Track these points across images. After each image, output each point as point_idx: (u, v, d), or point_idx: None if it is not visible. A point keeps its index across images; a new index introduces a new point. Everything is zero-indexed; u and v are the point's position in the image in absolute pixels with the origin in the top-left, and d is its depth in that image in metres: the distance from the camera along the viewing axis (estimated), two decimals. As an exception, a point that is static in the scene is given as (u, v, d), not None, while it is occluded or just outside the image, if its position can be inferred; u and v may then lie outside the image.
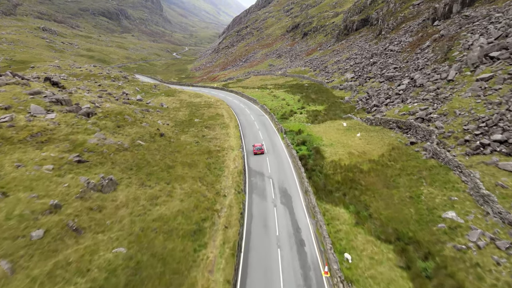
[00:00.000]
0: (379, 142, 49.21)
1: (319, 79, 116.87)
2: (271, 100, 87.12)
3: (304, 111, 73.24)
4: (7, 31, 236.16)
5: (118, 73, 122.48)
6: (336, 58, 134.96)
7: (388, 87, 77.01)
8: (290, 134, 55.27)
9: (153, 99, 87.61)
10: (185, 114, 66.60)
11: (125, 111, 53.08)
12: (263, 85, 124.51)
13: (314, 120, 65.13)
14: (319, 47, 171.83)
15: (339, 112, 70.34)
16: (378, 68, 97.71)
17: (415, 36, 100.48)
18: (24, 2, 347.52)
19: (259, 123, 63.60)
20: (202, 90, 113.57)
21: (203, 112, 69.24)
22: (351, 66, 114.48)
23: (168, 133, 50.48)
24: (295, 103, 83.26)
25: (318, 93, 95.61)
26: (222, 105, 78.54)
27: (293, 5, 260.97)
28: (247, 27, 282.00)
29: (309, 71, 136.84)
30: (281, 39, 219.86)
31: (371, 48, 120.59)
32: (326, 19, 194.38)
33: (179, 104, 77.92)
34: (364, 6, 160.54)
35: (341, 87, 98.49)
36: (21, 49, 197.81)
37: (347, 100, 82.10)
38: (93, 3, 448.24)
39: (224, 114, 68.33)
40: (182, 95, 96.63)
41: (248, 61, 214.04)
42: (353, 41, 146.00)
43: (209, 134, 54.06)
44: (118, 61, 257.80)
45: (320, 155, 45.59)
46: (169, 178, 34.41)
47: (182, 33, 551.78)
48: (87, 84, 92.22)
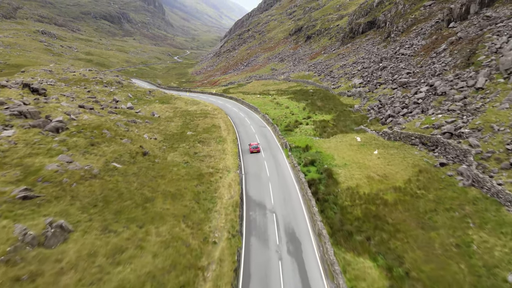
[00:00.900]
0: (401, 162, 41.19)
1: (324, 85, 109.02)
2: (273, 108, 79.24)
3: (311, 122, 65.32)
4: (4, 34, 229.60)
5: (113, 78, 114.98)
6: (342, 62, 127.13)
7: (403, 95, 69.05)
8: (296, 151, 47.24)
9: (146, 106, 79.93)
10: (178, 125, 58.80)
11: (105, 124, 45.31)
12: (265, 91, 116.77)
13: (322, 133, 57.16)
14: (323, 50, 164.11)
15: (349, 123, 62.37)
16: (389, 73, 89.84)
17: (429, 39, 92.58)
18: (25, 6, 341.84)
19: (261, 136, 55.66)
20: (200, 97, 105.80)
21: (198, 123, 61.42)
22: (359, 71, 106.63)
23: (153, 151, 42.65)
24: (300, 111, 75.38)
25: (324, 100, 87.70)
26: (220, 114, 70.70)
27: (296, 8, 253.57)
28: (249, 30, 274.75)
29: (314, 76, 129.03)
30: (284, 43, 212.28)
31: (379, 52, 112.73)
32: (330, 22, 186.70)
33: (173, 113, 70.13)
34: (370, 8, 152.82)
35: (349, 93, 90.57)
36: (17, 53, 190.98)
37: (357, 109, 74.15)
38: (95, 7, 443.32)
39: (221, 125, 60.48)
40: (178, 102, 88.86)
41: (249, 65, 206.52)
42: (360, 45, 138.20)
43: (202, 151, 46.15)
44: (118, 65, 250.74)
45: (333, 179, 37.58)
46: (144, 218, 26.49)
47: (184, 36, 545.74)
48: (75, 90, 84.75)
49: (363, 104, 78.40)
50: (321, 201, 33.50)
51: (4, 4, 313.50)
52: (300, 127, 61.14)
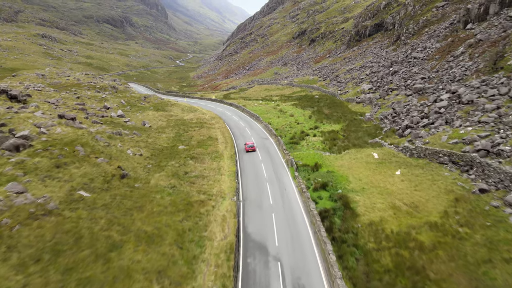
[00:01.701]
0: (431, 186, 33.93)
1: (331, 90, 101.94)
2: (277, 116, 72.14)
3: (318, 132, 58.15)
4: (3, 37, 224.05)
5: (108, 83, 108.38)
6: (349, 66, 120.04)
7: (420, 102, 61.79)
8: (304, 170, 40.05)
9: (138, 114, 73.06)
10: (169, 137, 51.82)
11: (81, 138, 38.39)
12: (267, 96, 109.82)
13: (332, 146, 49.98)
14: (328, 54, 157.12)
15: (362, 135, 55.16)
16: (401, 78, 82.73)
17: (444, 42, 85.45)
18: (26, 9, 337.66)
19: (263, 151, 48.49)
20: (198, 103, 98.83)
21: (192, 134, 54.38)
22: (368, 76, 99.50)
23: (135, 172, 35.64)
24: (305, 120, 68.28)
25: (332, 107, 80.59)
26: (218, 124, 63.66)
27: (299, 11, 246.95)
28: (251, 33, 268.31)
29: (319, 80, 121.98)
30: (287, 46, 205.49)
31: (389, 55, 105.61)
32: (335, 24, 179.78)
33: (166, 122, 63.24)
34: (377, 10, 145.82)
35: (358, 100, 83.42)
36: (14, 56, 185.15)
37: (369, 118, 66.97)
38: (97, 11, 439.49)
39: (219, 137, 53.41)
40: (174, 109, 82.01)
41: (252, 69, 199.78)
42: (367, 48, 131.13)
43: (195, 170, 39.08)
44: (118, 69, 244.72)
45: (350, 210, 30.39)
46: (103, 278, 19.36)
47: (187, 40, 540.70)
48: (64, 96, 78.10)
49: (375, 112, 71.23)
50: (338, 241, 26.28)
51: (5, 8, 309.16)
52: (307, 139, 53.94)
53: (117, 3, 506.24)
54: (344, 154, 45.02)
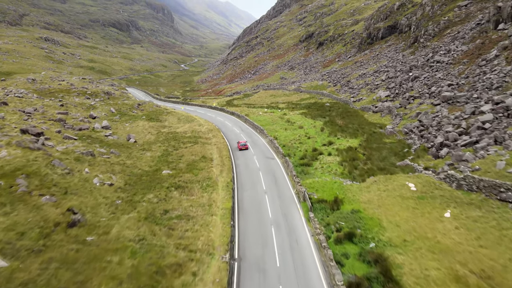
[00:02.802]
0: (500, 238, 23.93)
1: (342, 97, 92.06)
2: (284, 128, 62.32)
3: (333, 150, 48.26)
4: (4, 40, 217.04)
5: (101, 88, 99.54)
6: (361, 71, 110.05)
7: (453, 115, 51.71)
8: (320, 208, 30.09)
9: (127, 124, 63.75)
10: (154, 157, 42.33)
11: (30, 165, 28.98)
12: (273, 103, 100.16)
13: (352, 170, 40.08)
14: (337, 58, 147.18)
15: (387, 154, 45.19)
16: (423, 84, 72.74)
17: (471, 44, 75.20)
18: (31, 13, 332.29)
19: (267, 176, 38.60)
20: (197, 111, 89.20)
21: (183, 152, 44.72)
22: (383, 81, 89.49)
23: (95, 214, 26.08)
24: (317, 133, 58.47)
25: (345, 117, 70.75)
26: (215, 138, 53.98)
27: (306, 14, 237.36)
28: (257, 37, 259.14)
29: (328, 86, 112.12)
30: (294, 50, 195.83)
31: (406, 59, 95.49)
32: (344, 27, 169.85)
33: (155, 136, 53.81)
34: (390, 11, 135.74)
35: (375, 109, 73.47)
36: (13, 60, 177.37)
37: (391, 131, 56.93)
38: (104, 15, 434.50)
39: (214, 157, 43.75)
40: (169, 119, 72.75)
41: (257, 73, 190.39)
42: (380, 51, 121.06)
43: (177, 208, 29.41)
44: (121, 73, 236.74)
45: (394, 283, 20.55)
46: None
47: (193, 44, 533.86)
48: (46, 103, 69.24)
49: (397, 124, 61.22)
50: None
51: (10, 11, 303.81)
52: (321, 160, 44.07)
53: (124, 7, 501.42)
54: (370, 183, 34.98)
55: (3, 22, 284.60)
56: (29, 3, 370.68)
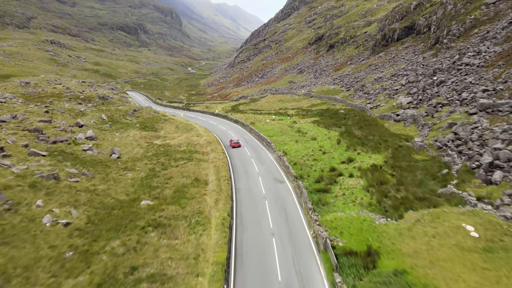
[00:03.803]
0: None
1: (358, 103, 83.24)
2: (294, 140, 53.75)
3: (355, 169, 39.61)
4: (9, 43, 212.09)
5: (96, 93, 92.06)
6: (376, 75, 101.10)
7: (497, 126, 42.76)
8: (349, 266, 21.21)
9: (117, 134, 55.81)
10: (136, 179, 34.05)
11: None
12: (281, 109, 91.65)
13: (382, 198, 31.35)
14: (349, 61, 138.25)
15: (423, 177, 36.30)
16: (451, 90, 63.75)
17: (505, 44, 66.06)
18: (39, 16, 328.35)
19: (275, 209, 29.57)
20: (198, 118, 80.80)
21: (172, 173, 36.24)
22: (403, 86, 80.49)
23: (25, 280, 17.95)
24: (333, 147, 49.85)
25: (364, 127, 62.04)
26: (214, 152, 45.52)
27: (316, 16, 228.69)
28: (265, 40, 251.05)
29: (341, 91, 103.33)
30: (303, 52, 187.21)
31: (427, 62, 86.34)
32: (356, 29, 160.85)
33: (144, 150, 45.65)
34: (406, 11, 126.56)
35: (397, 117, 64.52)
36: (15, 62, 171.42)
37: (421, 145, 48.02)
38: (112, 18, 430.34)
39: (210, 180, 35.29)
40: (166, 127, 64.81)
41: (265, 76, 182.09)
42: (396, 53, 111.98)
43: (150, 264, 20.69)
44: (126, 76, 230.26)
45: None
46: None
47: (201, 47, 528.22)
48: (30, 110, 61.69)
49: (425, 136, 52.25)
50: None
51: (18, 14, 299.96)
52: (341, 183, 35.44)
53: (132, 10, 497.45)
54: (411, 222, 26.18)
55: (11, 24, 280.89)
56: (39, 6, 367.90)
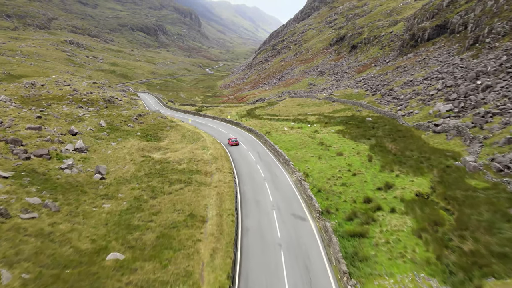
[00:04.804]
0: None
1: (386, 110, 73.60)
2: (317, 155, 44.94)
3: (396, 200, 30.63)
4: (27, 43, 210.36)
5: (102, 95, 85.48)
6: (406, 78, 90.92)
7: None
8: None
9: (114, 144, 48.39)
10: (114, 214, 25.89)
11: None
12: (301, 115, 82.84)
13: (441, 252, 22.37)
14: (373, 62, 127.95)
15: (491, 215, 26.86)
16: (502, 96, 53.61)
17: None
18: (60, 17, 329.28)
19: (296, 268, 20.40)
20: (208, 125, 72.66)
21: (163, 204, 27.70)
22: (440, 91, 70.39)
23: None
24: (364, 165, 40.87)
25: (397, 139, 52.70)
26: (220, 173, 36.78)
27: (337, 16, 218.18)
28: (284, 40, 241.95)
29: (366, 95, 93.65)
30: (323, 54, 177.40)
31: (467, 64, 75.82)
32: (381, 28, 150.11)
33: (137, 166, 37.81)
34: (438, 9, 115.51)
35: (437, 128, 54.69)
36: (31, 63, 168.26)
37: (475, 166, 38.38)
38: (132, 19, 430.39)
39: (209, 214, 26.71)
40: (171, 135, 57.16)
41: (283, 78, 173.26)
42: (427, 55, 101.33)
43: None
44: (142, 77, 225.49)
45: None
46: None
47: (219, 48, 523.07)
48: (21, 115, 55.07)
49: (477, 154, 42.54)
50: None
51: (39, 15, 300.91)
52: (381, 223, 26.56)
53: (152, 11, 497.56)
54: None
55: (32, 25, 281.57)
56: (61, 8, 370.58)
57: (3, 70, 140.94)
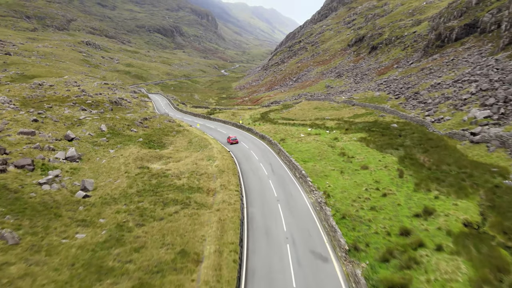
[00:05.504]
0: None
1: (413, 115, 66.64)
2: (338, 169, 38.91)
3: (442, 234, 24.40)
4: (44, 43, 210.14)
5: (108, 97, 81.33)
6: (433, 80, 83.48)
7: None
8: None
9: (112, 151, 43.56)
10: (88, 248, 19.98)
11: None
12: (318, 119, 76.69)
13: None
14: (395, 64, 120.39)
15: None
16: (550, 102, 46.47)
17: None
18: (79, 18, 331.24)
19: None
20: (218, 129, 67.08)
21: (150, 235, 21.66)
22: (474, 95, 63.12)
23: None
24: (394, 182, 34.63)
25: (429, 149, 46.05)
26: (225, 191, 30.93)
27: (356, 16, 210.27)
28: (300, 41, 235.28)
29: (389, 98, 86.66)
30: (341, 55, 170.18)
31: (503, 65, 68.11)
32: (403, 28, 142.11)
33: (130, 182, 32.64)
34: (467, 7, 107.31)
35: (475, 137, 47.68)
36: (46, 63, 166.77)
37: (531, 187, 31.83)
38: (150, 21, 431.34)
39: (207, 250, 20.48)
40: (176, 142, 52.08)
41: (299, 80, 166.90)
42: (455, 55, 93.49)
43: None
44: (157, 78, 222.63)
45: None
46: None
47: (235, 50, 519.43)
48: (16, 118, 50.92)
49: (530, 171, 35.83)
50: None
51: (59, 16, 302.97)
52: (427, 267, 20.41)
53: (169, 13, 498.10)
54: None
55: (51, 26, 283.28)
56: (81, 9, 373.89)
57: (17, 70, 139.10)
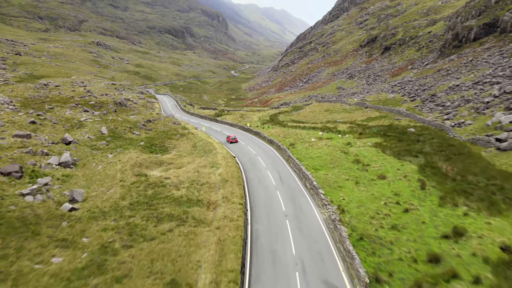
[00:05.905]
0: None
1: (430, 119, 62.61)
2: (353, 178, 35.39)
3: (478, 262, 20.82)
4: (55, 44, 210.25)
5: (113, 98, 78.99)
6: (451, 82, 79.12)
7: None
8: None
9: (111, 156, 40.83)
10: (63, 277, 17.45)
11: None
12: (330, 122, 73.16)
13: None
14: (410, 65, 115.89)
15: None
16: None
17: None
18: (91, 19, 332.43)
19: None
20: (224, 132, 64.19)
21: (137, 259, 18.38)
22: (497, 98, 58.92)
23: None
24: (415, 195, 31.04)
25: (451, 157, 42.18)
26: (227, 204, 27.04)
27: (368, 16, 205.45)
28: (311, 42, 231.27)
29: (403, 101, 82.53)
30: (353, 55, 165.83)
31: (528, 66, 63.85)
32: (418, 28, 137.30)
33: (124, 192, 29.66)
34: (485, 6, 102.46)
35: (501, 145, 43.58)
36: (56, 64, 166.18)
37: None
38: (161, 22, 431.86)
39: (202, 279, 17.93)
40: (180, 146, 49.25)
41: (310, 81, 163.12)
42: (474, 56, 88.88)
43: None
44: (166, 78, 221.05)
45: None
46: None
47: (245, 51, 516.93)
48: (15, 119, 48.72)
49: None
50: None
51: (70, 17, 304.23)
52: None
53: (180, 14, 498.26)
54: None
55: (63, 27, 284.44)
56: (93, 10, 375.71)
57: (26, 71, 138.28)
